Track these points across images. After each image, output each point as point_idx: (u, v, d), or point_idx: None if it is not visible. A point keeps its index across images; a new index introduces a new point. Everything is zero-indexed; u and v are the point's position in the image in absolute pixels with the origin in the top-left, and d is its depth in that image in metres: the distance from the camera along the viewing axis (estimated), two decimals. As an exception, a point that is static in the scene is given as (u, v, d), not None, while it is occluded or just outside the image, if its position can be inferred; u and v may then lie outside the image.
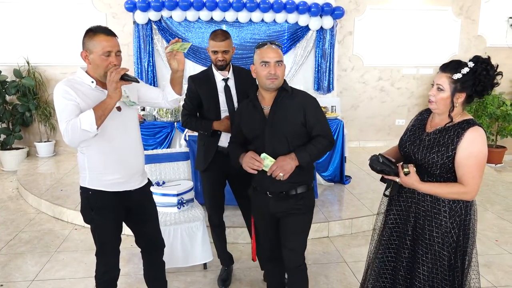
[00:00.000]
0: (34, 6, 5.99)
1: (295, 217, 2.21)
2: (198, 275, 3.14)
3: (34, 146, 6.28)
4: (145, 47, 5.86)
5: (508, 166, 6.54)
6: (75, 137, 1.94)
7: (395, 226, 2.07)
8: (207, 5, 5.58)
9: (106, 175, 2.12)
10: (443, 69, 1.85)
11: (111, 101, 1.96)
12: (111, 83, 1.94)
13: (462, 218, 1.89)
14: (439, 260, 1.90)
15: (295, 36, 6.10)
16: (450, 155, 1.82)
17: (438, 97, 1.86)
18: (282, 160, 2.06)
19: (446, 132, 1.86)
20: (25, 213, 4.36)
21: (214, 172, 2.83)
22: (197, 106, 2.78)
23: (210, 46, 2.68)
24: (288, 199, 2.18)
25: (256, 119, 2.17)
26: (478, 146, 1.79)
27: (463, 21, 6.64)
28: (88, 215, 2.18)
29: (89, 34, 2.00)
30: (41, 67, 6.14)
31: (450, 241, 1.88)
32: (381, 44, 6.63)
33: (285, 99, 2.15)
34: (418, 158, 1.90)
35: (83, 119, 1.91)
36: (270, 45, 2.14)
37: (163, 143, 4.43)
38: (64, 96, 1.96)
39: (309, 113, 2.13)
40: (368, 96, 6.83)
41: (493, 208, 4.57)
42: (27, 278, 3.09)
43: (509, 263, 3.35)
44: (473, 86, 1.79)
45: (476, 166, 1.79)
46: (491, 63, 1.81)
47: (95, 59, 2.00)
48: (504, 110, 6.27)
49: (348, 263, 3.27)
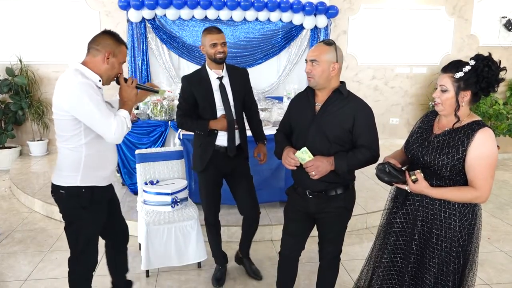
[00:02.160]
0: (26, 4, 5.94)
1: (335, 217, 2.23)
2: (192, 274, 3.14)
3: (27, 145, 6.23)
4: (139, 45, 5.83)
5: (501, 165, 6.59)
6: (123, 133, 2.06)
7: (401, 231, 2.04)
8: (201, 4, 5.56)
9: (99, 171, 2.17)
10: (444, 70, 1.85)
11: (132, 104, 2.17)
12: (131, 89, 2.17)
13: (469, 222, 1.88)
14: (445, 265, 1.88)
15: (289, 35, 6.10)
16: (460, 156, 1.79)
17: (443, 98, 1.84)
18: (319, 160, 2.04)
19: (456, 133, 1.83)
20: (17, 212, 4.33)
21: (211, 172, 2.83)
22: (192, 106, 2.76)
23: (208, 41, 2.66)
24: (328, 200, 2.17)
25: (305, 113, 2.17)
26: (489, 147, 1.76)
27: (456, 20, 6.68)
28: (75, 214, 2.16)
29: (115, 39, 2.14)
30: (34, 65, 6.09)
31: (457, 245, 1.86)
32: (375, 43, 6.65)
33: (338, 101, 2.10)
34: (428, 160, 1.87)
35: (126, 118, 2.08)
36: (318, 44, 2.14)
37: (157, 141, 4.41)
38: (94, 92, 2.00)
39: (359, 121, 2.08)
40: (362, 95, 6.83)
41: (485, 207, 4.60)
42: (19, 278, 3.08)
43: (501, 261, 3.38)
44: (477, 83, 1.78)
45: (487, 168, 1.76)
46: (493, 59, 1.80)
47: (114, 63, 2.13)
48: (497, 109, 6.31)
49: (342, 262, 3.28)
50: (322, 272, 2.45)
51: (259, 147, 2.97)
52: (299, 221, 2.31)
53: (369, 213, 4.04)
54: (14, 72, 5.88)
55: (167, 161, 3.33)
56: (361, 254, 3.43)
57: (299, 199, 2.26)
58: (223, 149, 2.78)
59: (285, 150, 2.17)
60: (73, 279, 2.29)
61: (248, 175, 2.96)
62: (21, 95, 5.87)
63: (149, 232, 2.93)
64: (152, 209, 3.12)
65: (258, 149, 2.97)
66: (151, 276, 3.09)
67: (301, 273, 2.57)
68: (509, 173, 6.18)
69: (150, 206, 3.13)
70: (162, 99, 4.49)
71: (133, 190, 4.38)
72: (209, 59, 2.73)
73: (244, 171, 2.94)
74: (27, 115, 6.07)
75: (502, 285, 3.04)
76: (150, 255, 2.96)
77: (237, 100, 2.80)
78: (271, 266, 3.25)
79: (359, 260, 3.27)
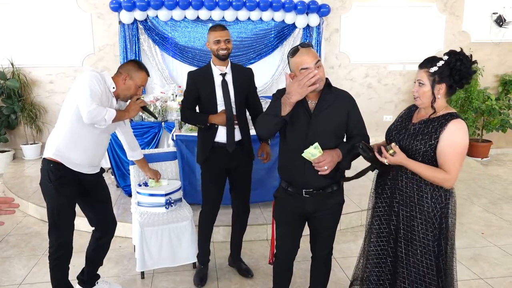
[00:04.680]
0: (18, 7, 5.91)
1: (332, 214, 2.26)
2: (187, 275, 3.14)
3: (20, 149, 6.20)
4: (131, 47, 5.80)
5: (494, 160, 6.64)
6: (96, 118, 2.32)
7: (384, 214, 2.16)
8: (193, 4, 5.55)
9: (71, 153, 2.43)
10: (421, 66, 2.00)
11: (128, 115, 2.54)
12: (136, 105, 2.55)
13: (442, 206, 1.99)
14: (425, 248, 1.98)
15: (281, 34, 6.11)
16: (432, 143, 1.93)
17: (420, 92, 1.99)
18: (330, 154, 2.03)
19: (431, 122, 1.97)
20: (11, 216, 4.30)
21: (211, 166, 2.89)
22: (195, 100, 2.86)
23: (212, 38, 2.75)
24: (325, 196, 2.17)
25: (300, 113, 2.12)
26: (460, 136, 1.90)
27: (447, 17, 6.72)
28: (45, 186, 2.46)
29: (137, 66, 2.55)
30: (26, 68, 6.06)
31: (433, 227, 1.98)
32: (368, 41, 6.66)
33: (329, 96, 2.13)
34: (403, 145, 2.01)
35: (109, 112, 2.36)
36: (303, 49, 2.05)
37: (150, 143, 4.41)
38: (98, 83, 2.37)
39: (352, 112, 2.16)
40: (356, 93, 6.86)
41: (479, 202, 4.63)
42: (14, 282, 3.06)
43: (494, 255, 3.41)
44: (451, 76, 1.92)
45: (456, 155, 1.90)
46: (464, 54, 1.94)
47: (130, 85, 2.52)
48: (489, 105, 6.35)
49: (337, 259, 3.30)
50: (317, 270, 2.45)
51: (262, 146, 3.00)
52: (292, 223, 2.28)
53: (364, 211, 4.04)
54: (6, 76, 5.84)
55: (161, 162, 3.33)
56: (356, 252, 3.42)
57: (291, 200, 2.21)
58: (222, 145, 2.83)
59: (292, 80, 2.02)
60: (48, 257, 2.52)
61: (248, 178, 3.02)
62: (14, 99, 5.84)
63: (143, 234, 2.93)
64: (146, 210, 3.12)
65: (261, 148, 3.00)
66: (146, 278, 3.09)
67: (296, 272, 2.56)
68: (503, 168, 6.22)
69: (144, 207, 3.13)
70: (155, 101, 4.49)
71: (127, 192, 4.37)
72: (213, 56, 2.81)
73: (247, 171, 3.00)
74: (19, 118, 6.04)
75: (495, 279, 3.06)
76: (145, 257, 2.96)
77: (239, 97, 2.84)
78: (267, 265, 3.25)
79: (354, 257, 3.27)
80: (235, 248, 3.19)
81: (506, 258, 3.37)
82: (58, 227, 2.47)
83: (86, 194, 2.59)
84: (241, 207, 3.05)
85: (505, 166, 6.32)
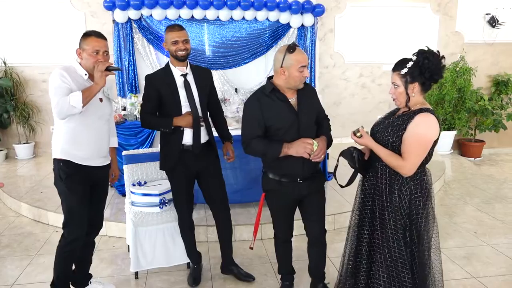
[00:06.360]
0: (10, 5, 5.86)
1: (318, 194, 2.53)
2: (181, 275, 3.13)
3: (12, 148, 6.16)
4: (126, 46, 5.79)
5: (487, 160, 6.68)
6: (63, 110, 2.30)
7: (362, 207, 2.30)
8: (188, 3, 5.54)
9: (74, 149, 2.46)
10: (393, 70, 2.11)
11: (97, 86, 2.37)
12: (98, 72, 2.36)
13: (410, 198, 2.08)
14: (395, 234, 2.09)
15: (276, 34, 6.11)
16: (399, 134, 2.04)
17: (396, 93, 2.10)
18: (322, 144, 2.33)
19: (403, 116, 2.09)
20: (4, 216, 4.27)
21: (180, 171, 2.78)
22: (155, 105, 2.73)
23: (169, 38, 2.66)
24: (314, 178, 2.46)
25: (285, 112, 2.32)
26: (424, 128, 2.00)
27: (441, 17, 6.75)
28: (58, 185, 2.51)
29: (83, 36, 2.48)
30: (19, 67, 6.02)
31: (401, 217, 2.08)
32: (362, 41, 6.69)
33: (302, 90, 2.38)
34: (378, 137, 2.16)
35: (73, 97, 2.30)
36: (297, 48, 2.28)
37: (144, 143, 4.40)
38: (61, 79, 2.35)
39: (317, 100, 2.50)
40: (350, 93, 6.89)
41: (472, 201, 4.66)
42: (6, 283, 3.04)
43: (487, 255, 3.43)
44: (421, 74, 2.01)
45: (417, 145, 2.00)
46: (432, 51, 2.03)
47: (86, 57, 2.44)
48: (482, 105, 6.40)
49: (331, 259, 3.30)
50: (316, 248, 2.64)
51: (226, 145, 2.98)
52: (288, 208, 2.54)
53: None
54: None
55: (155, 162, 3.31)
56: (350, 251, 3.45)
57: (286, 189, 2.43)
58: (190, 147, 2.75)
59: (299, 141, 2.27)
60: (57, 250, 2.58)
61: (220, 176, 2.93)
62: (6, 98, 5.80)
63: (137, 234, 2.92)
64: (140, 210, 3.11)
65: (225, 147, 2.98)
66: (140, 278, 3.08)
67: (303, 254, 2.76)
68: (495, 168, 6.27)
69: (138, 207, 3.12)
70: None
71: (121, 191, 4.35)
72: (171, 57, 2.72)
73: (217, 171, 2.92)
74: (12, 118, 6.00)
75: (488, 278, 3.08)
76: (139, 257, 2.95)
77: (202, 97, 2.77)
78: (261, 265, 3.25)
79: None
80: (225, 251, 3.06)
81: (499, 257, 3.39)
82: (71, 224, 2.53)
83: (92, 191, 2.61)
84: (221, 207, 2.93)
85: (497, 166, 6.36)
